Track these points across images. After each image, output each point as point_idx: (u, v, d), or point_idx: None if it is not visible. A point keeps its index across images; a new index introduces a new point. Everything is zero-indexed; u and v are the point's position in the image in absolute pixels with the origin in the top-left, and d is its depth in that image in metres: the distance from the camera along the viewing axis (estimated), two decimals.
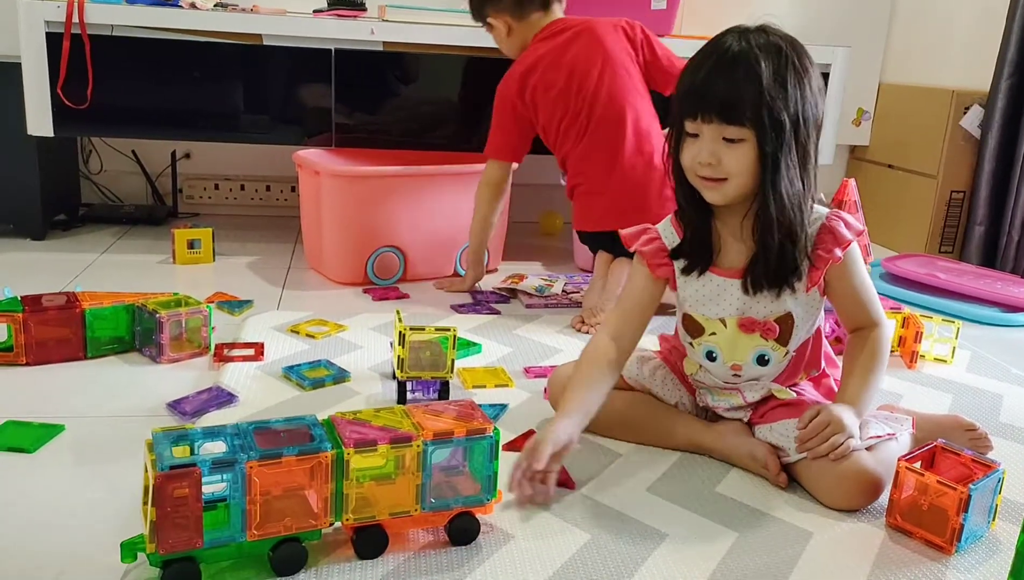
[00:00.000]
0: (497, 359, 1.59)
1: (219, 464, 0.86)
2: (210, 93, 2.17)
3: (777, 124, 1.07)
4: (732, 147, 1.08)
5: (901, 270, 2.23)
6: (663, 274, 1.22)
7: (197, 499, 0.85)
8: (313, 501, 0.92)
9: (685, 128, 1.11)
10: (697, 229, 1.19)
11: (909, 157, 2.73)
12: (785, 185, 1.09)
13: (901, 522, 1.06)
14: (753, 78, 1.06)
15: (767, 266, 1.13)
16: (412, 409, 1.01)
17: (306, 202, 2.12)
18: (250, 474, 0.87)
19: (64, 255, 2.16)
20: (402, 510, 0.95)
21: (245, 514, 0.88)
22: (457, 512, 0.98)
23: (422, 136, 2.27)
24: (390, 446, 0.93)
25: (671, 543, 1.02)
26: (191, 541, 0.86)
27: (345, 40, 2.15)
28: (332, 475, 0.91)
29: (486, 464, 0.99)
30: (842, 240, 1.13)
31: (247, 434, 0.91)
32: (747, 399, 1.22)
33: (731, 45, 1.08)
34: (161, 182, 2.69)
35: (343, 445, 0.91)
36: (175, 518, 0.85)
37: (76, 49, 2.03)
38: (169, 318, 1.48)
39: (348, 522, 0.94)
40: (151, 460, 0.85)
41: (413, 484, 0.95)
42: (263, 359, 1.51)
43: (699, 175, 1.12)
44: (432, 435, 0.95)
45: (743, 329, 1.17)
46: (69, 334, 1.47)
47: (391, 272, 2.05)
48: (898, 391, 1.54)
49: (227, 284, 1.97)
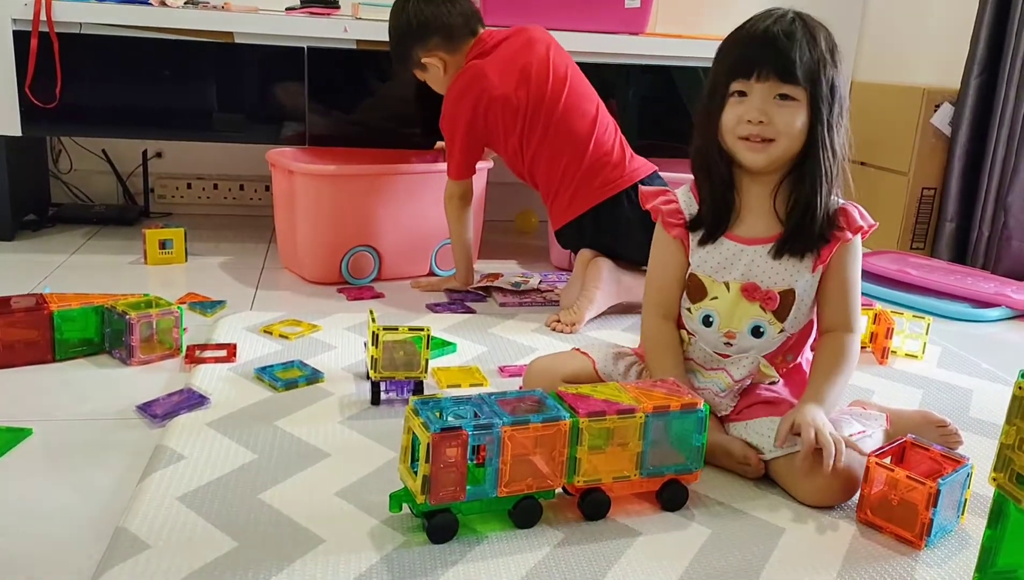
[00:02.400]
0: (472, 358, 1.59)
1: (481, 428, 0.97)
2: (181, 92, 2.15)
3: (832, 87, 1.13)
4: (784, 106, 1.13)
5: (873, 267, 2.25)
6: (677, 234, 1.24)
7: (463, 458, 0.96)
8: (541, 464, 1.01)
9: (731, 89, 1.15)
10: (719, 195, 1.21)
11: (881, 154, 2.75)
12: (838, 142, 1.15)
13: (871, 517, 1.07)
14: (812, 43, 1.13)
15: (800, 227, 1.17)
16: (625, 386, 1.11)
17: (280, 201, 2.10)
18: (504, 437, 0.97)
19: (33, 256, 2.13)
20: (623, 475, 1.05)
21: (498, 472, 0.98)
22: (668, 479, 1.08)
23: (396, 135, 2.26)
24: (618, 416, 1.03)
25: (645, 540, 1.02)
26: (456, 494, 0.97)
27: (318, 38, 2.13)
28: (568, 440, 1.01)
29: (695, 435, 1.08)
30: (854, 224, 1.17)
31: (492, 403, 1.02)
32: (733, 377, 1.22)
33: (785, 14, 1.14)
34: (132, 181, 2.66)
35: (577, 415, 1.01)
36: (445, 473, 0.96)
37: (44, 47, 2.01)
38: (139, 319, 1.46)
39: (578, 484, 1.04)
40: (419, 423, 0.96)
41: (635, 452, 1.05)
42: (235, 360, 1.50)
43: (742, 136, 1.15)
44: (652, 408, 1.04)
45: (745, 294, 1.19)
46: (37, 336, 1.45)
47: (366, 271, 2.04)
48: (869, 387, 1.55)
49: (199, 284, 1.95)
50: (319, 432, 1.25)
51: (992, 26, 2.43)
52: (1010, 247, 2.41)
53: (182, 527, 0.98)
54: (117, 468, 1.14)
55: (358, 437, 1.25)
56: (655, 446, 1.06)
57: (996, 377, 1.65)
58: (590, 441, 1.02)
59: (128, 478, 1.11)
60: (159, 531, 0.98)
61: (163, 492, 1.06)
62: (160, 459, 1.14)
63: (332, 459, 1.17)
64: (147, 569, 0.91)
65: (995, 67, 2.44)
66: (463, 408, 1.01)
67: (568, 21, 1.94)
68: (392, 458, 1.18)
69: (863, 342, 1.71)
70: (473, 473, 0.98)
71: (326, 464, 1.16)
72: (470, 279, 2.00)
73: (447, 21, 1.85)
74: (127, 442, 1.21)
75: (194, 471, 1.11)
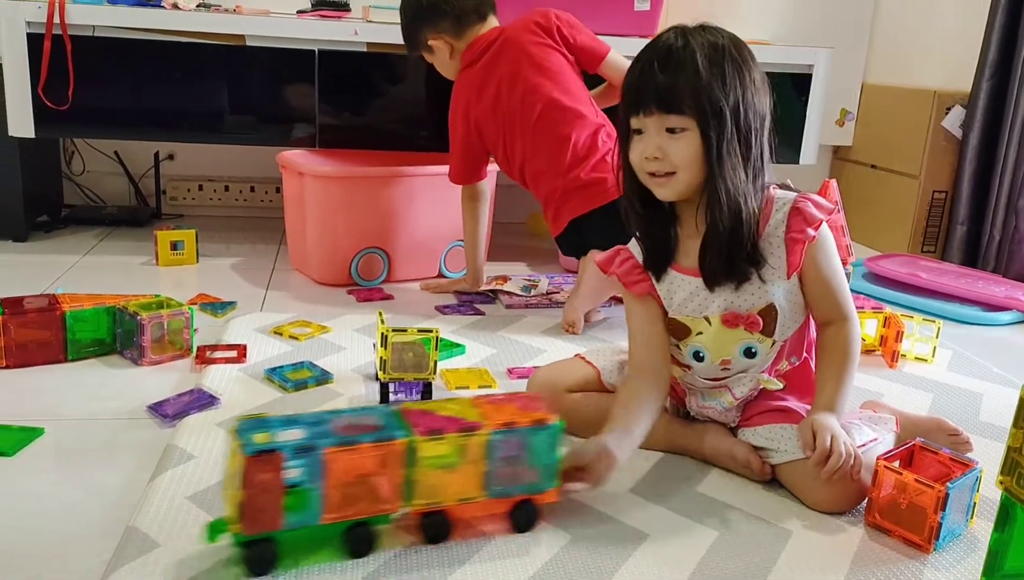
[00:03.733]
0: (481, 360, 1.59)
1: (301, 450, 0.90)
2: (193, 94, 2.16)
3: (717, 111, 1.08)
4: (676, 138, 1.09)
5: (883, 270, 2.25)
6: (641, 291, 1.21)
7: (279, 482, 0.89)
8: (383, 487, 0.95)
9: (630, 126, 1.13)
10: (653, 230, 1.19)
11: (892, 157, 2.75)
12: (729, 173, 1.09)
13: (880, 520, 1.07)
14: (690, 67, 1.07)
15: (717, 256, 1.13)
16: (478, 400, 1.05)
17: (290, 203, 2.11)
18: (327, 459, 0.91)
19: (46, 257, 2.15)
20: (467, 497, 0.99)
21: (322, 498, 0.92)
22: (519, 500, 1.02)
23: (406, 137, 2.27)
24: (458, 434, 0.97)
25: (652, 543, 1.02)
26: (272, 522, 0.90)
27: (329, 41, 2.14)
28: (403, 462, 0.95)
29: (548, 453, 1.02)
30: (812, 220, 1.13)
31: (325, 422, 0.95)
32: (736, 395, 1.22)
33: (668, 40, 1.10)
34: (144, 183, 2.68)
35: (413, 433, 0.95)
36: (259, 500, 0.89)
37: (57, 50, 2.02)
38: (150, 320, 1.47)
39: (416, 507, 0.98)
40: (238, 445, 0.89)
41: (479, 471, 0.99)
42: (246, 361, 1.51)
43: (647, 171, 1.13)
44: (498, 424, 0.99)
45: (727, 324, 1.17)
46: (50, 337, 1.46)
47: (375, 273, 2.05)
48: (879, 390, 1.54)
49: (210, 285, 1.97)
50: None
51: (1004, 28, 2.42)
52: (1021, 250, 2.40)
53: (192, 526, 0.99)
54: (128, 467, 1.15)
55: None
56: (504, 465, 1.00)
57: (1007, 381, 1.64)
58: (429, 461, 0.96)
59: (138, 477, 1.12)
60: (169, 530, 0.98)
61: (173, 491, 1.06)
62: (170, 459, 1.14)
63: None
64: (157, 568, 0.92)
65: (1007, 70, 2.43)
66: (294, 428, 0.93)
67: None
68: None
69: (872, 346, 1.71)
70: (298, 498, 0.91)
71: None
72: (480, 281, 2.01)
73: (458, 4, 1.85)
74: (138, 442, 1.22)
75: (204, 471, 1.12)
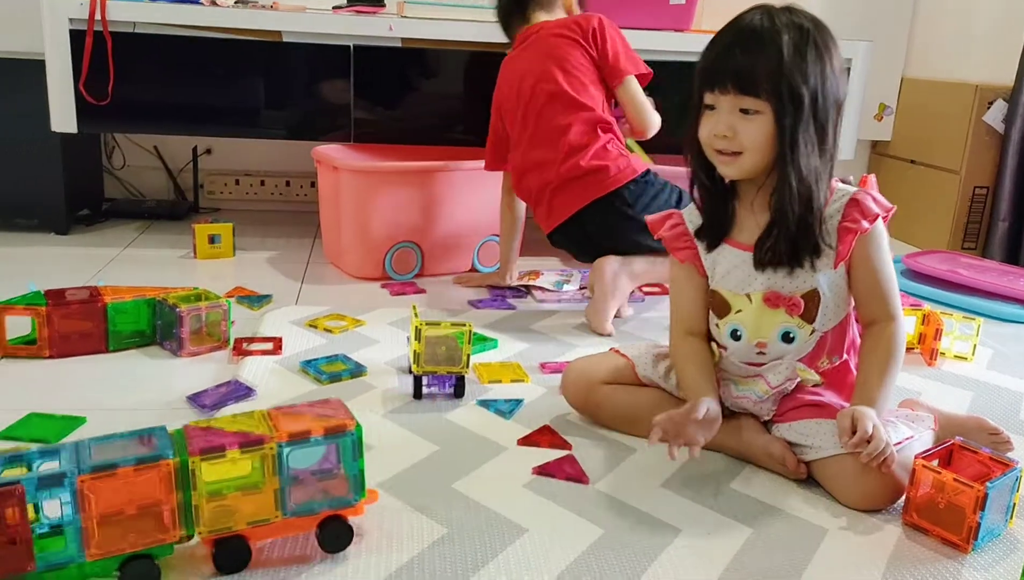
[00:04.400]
0: (513, 354, 1.60)
1: (47, 480, 0.81)
2: (231, 89, 2.19)
3: (795, 97, 1.07)
4: (748, 119, 1.10)
5: (922, 266, 2.21)
6: (685, 257, 1.23)
7: (23, 519, 0.80)
8: (160, 515, 0.86)
9: (703, 100, 1.13)
10: (713, 203, 1.20)
11: (932, 152, 2.70)
12: (802, 159, 1.09)
13: (917, 520, 1.06)
14: (772, 50, 1.07)
15: (779, 242, 1.13)
16: (273, 412, 0.95)
17: (325, 197, 2.13)
18: (82, 489, 0.82)
19: (87, 249, 2.19)
20: (261, 518, 0.90)
21: (82, 532, 0.82)
22: (326, 516, 0.93)
23: (440, 132, 2.28)
24: (240, 450, 0.87)
25: (685, 538, 1.02)
26: (21, 564, 0.81)
27: (364, 36, 2.16)
28: (177, 484, 0.86)
29: (350, 463, 0.93)
30: (868, 212, 1.13)
31: (86, 449, 0.85)
32: (771, 383, 1.21)
33: (752, 19, 1.10)
34: (183, 177, 2.72)
35: (189, 453, 0.86)
36: (2, 541, 0.79)
37: (99, 46, 2.06)
38: (189, 312, 1.49)
39: (203, 535, 0.89)
40: None
41: (271, 489, 0.89)
42: (281, 353, 1.53)
43: (715, 148, 1.13)
44: (287, 436, 0.90)
45: (768, 304, 1.17)
46: (91, 328, 1.49)
47: (408, 267, 2.06)
48: (917, 388, 1.52)
49: (247, 279, 1.99)
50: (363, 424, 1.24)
51: None
52: None
53: None
54: None
55: (400, 430, 1.26)
56: (300, 480, 0.91)
57: None
58: (211, 485, 0.87)
59: None
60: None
61: None
62: None
63: (375, 451, 1.19)
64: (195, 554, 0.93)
65: None
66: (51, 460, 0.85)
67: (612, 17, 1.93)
68: (434, 452, 1.20)
69: (911, 343, 1.69)
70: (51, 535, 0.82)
71: (369, 456, 1.16)
72: (512, 275, 2.01)
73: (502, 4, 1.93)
74: None
75: None
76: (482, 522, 1.03)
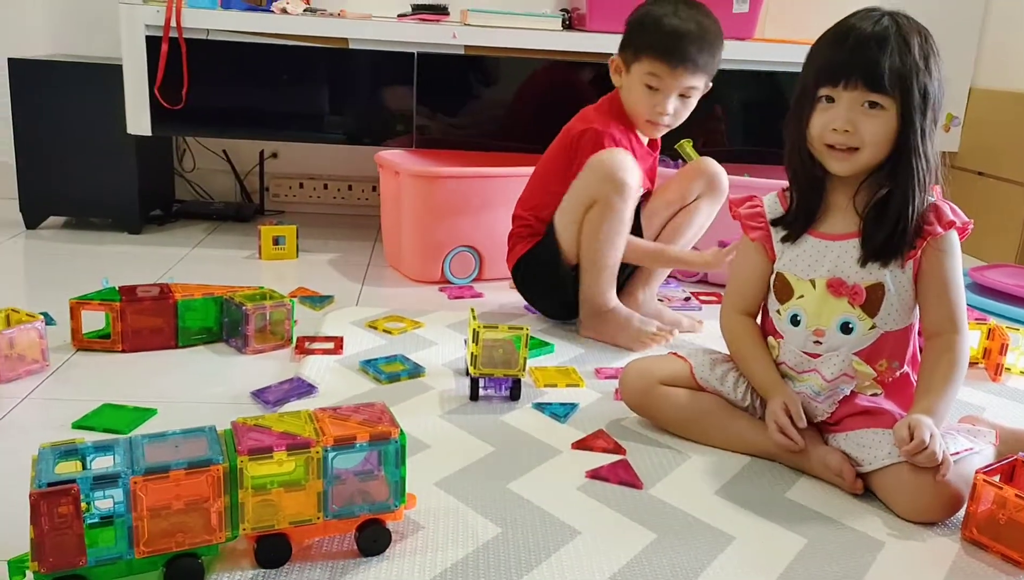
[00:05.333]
0: (569, 359, 1.61)
1: (102, 480, 0.83)
2: (297, 95, 2.25)
3: (924, 93, 1.10)
4: (871, 115, 1.11)
5: (989, 280, 2.16)
6: (758, 237, 1.25)
7: (78, 516, 0.82)
8: (206, 514, 0.88)
9: (819, 94, 1.14)
10: (807, 197, 1.21)
11: (1000, 164, 2.64)
12: (929, 149, 1.12)
13: (977, 535, 1.04)
14: (903, 49, 1.09)
15: (887, 238, 1.14)
16: (319, 414, 0.98)
17: (386, 202, 2.17)
18: (135, 489, 0.85)
19: (158, 249, 2.27)
20: (304, 519, 0.93)
21: (132, 530, 0.86)
22: (365, 520, 0.96)
23: (501, 138, 2.30)
24: (287, 453, 0.90)
25: (738, 546, 1.02)
26: (73, 559, 0.84)
27: (428, 44, 2.20)
28: (225, 488, 0.88)
29: (392, 470, 0.96)
30: (945, 219, 1.14)
31: (139, 447, 0.88)
32: (825, 376, 1.20)
33: (878, 18, 1.11)
34: (249, 180, 2.79)
35: (237, 452, 0.89)
36: (55, 536, 0.82)
37: (173, 52, 2.13)
38: (255, 310, 1.54)
39: (247, 532, 0.91)
40: (31, 477, 0.83)
41: (314, 491, 0.92)
42: (342, 353, 1.56)
43: (828, 142, 1.14)
44: (333, 440, 0.92)
45: (831, 290, 1.18)
46: (162, 323, 1.55)
47: (467, 271, 2.09)
48: (981, 404, 1.49)
49: (309, 279, 2.04)
50: (420, 424, 1.29)
51: None
52: None
53: None
54: None
55: (457, 430, 1.28)
56: (344, 483, 0.94)
57: None
58: (257, 482, 0.90)
59: None
60: None
61: None
62: None
63: (431, 451, 1.21)
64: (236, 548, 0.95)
65: None
66: (104, 455, 0.88)
67: None
68: (490, 452, 1.21)
69: (975, 358, 1.65)
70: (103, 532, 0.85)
71: (425, 456, 1.20)
72: None
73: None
74: None
75: None
76: (536, 523, 1.04)
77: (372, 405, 1.01)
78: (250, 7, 2.17)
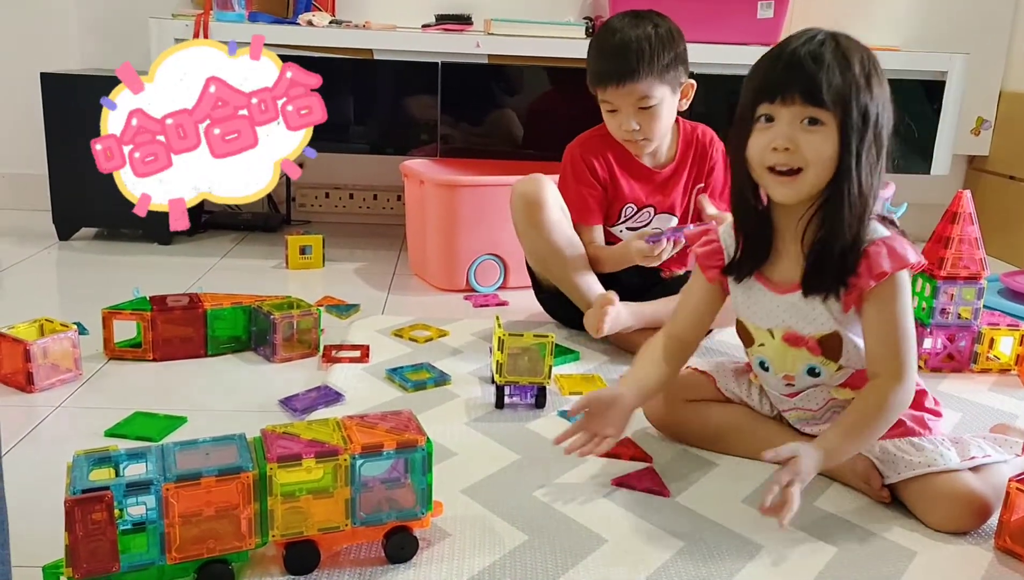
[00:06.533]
0: (594, 367, 1.61)
1: (134, 487, 0.85)
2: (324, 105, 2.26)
3: (864, 112, 1.03)
4: (811, 131, 1.03)
5: (1020, 285, 2.13)
6: (712, 276, 1.20)
7: (111, 523, 0.84)
8: (237, 521, 0.90)
9: (757, 113, 1.06)
10: (754, 233, 1.15)
11: None
12: (865, 174, 1.04)
13: (1011, 544, 1.02)
14: (843, 65, 1.03)
15: (826, 266, 1.08)
16: (347, 421, 0.98)
17: (411, 210, 2.19)
18: (167, 496, 0.86)
19: (188, 259, 2.29)
20: (332, 526, 0.94)
21: (164, 537, 0.87)
22: (393, 527, 0.96)
23: (525, 147, 2.31)
24: (316, 460, 0.91)
25: (767, 554, 1.01)
26: (107, 565, 0.85)
27: (451, 53, 2.21)
28: (255, 495, 0.90)
29: (419, 477, 0.96)
30: (875, 268, 1.06)
31: (171, 454, 0.90)
32: (811, 408, 1.20)
33: (817, 35, 1.06)
34: (276, 191, 2.81)
35: (267, 460, 0.90)
36: (89, 542, 0.84)
37: None
38: (282, 319, 1.55)
39: (276, 538, 0.92)
40: (66, 484, 0.85)
41: (342, 498, 0.93)
42: (368, 361, 1.57)
43: (768, 165, 1.06)
44: (361, 448, 0.93)
45: (788, 342, 1.15)
46: (192, 333, 1.57)
47: (492, 280, 2.09)
48: (1013, 411, 1.47)
49: (336, 288, 2.05)
50: (446, 432, 1.29)
51: None
52: None
53: None
54: None
55: (483, 438, 1.29)
56: (371, 490, 0.95)
57: None
58: (286, 489, 0.91)
59: None
60: None
61: None
62: None
63: (458, 459, 1.22)
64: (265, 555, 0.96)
65: None
66: (136, 463, 0.90)
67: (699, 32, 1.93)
68: (516, 460, 1.22)
69: (1008, 365, 1.63)
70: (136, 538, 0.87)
71: (452, 463, 1.20)
72: None
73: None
74: None
75: None
76: (562, 530, 1.04)
77: (399, 413, 1.01)
78: (276, 20, 2.20)
